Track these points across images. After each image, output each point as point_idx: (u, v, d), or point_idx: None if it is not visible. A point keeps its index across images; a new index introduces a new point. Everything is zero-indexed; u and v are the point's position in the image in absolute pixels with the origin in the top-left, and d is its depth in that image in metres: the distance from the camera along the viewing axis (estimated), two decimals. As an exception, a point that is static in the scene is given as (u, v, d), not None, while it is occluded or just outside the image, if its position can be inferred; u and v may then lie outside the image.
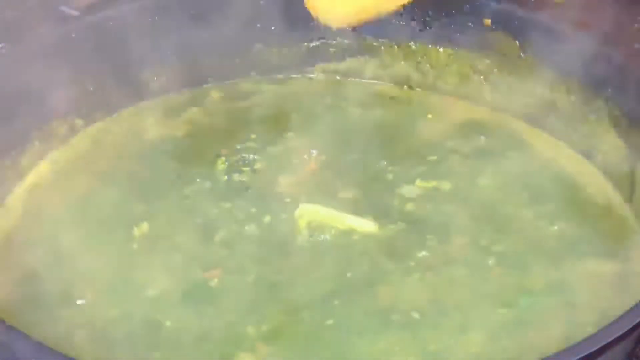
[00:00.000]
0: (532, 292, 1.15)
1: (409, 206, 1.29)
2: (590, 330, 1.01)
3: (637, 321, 0.92)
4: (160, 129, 1.47)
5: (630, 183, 1.33)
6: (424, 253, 1.20)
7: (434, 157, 1.40)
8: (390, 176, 1.35)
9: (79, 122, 1.46)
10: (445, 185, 1.33)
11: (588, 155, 1.42)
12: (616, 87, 1.38)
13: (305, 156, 1.38)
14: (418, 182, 1.34)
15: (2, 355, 0.93)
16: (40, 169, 1.38)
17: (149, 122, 1.48)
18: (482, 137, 1.46)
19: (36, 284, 1.13)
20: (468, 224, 1.26)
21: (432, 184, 1.33)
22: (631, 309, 0.95)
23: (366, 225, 1.23)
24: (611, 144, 1.38)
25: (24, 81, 1.31)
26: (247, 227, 1.24)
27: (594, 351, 0.88)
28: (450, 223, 1.25)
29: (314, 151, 1.38)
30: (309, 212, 1.23)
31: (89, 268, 1.16)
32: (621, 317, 0.94)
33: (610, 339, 0.89)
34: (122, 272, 1.17)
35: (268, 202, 1.29)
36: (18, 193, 1.33)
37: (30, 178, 1.36)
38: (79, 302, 1.12)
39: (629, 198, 1.33)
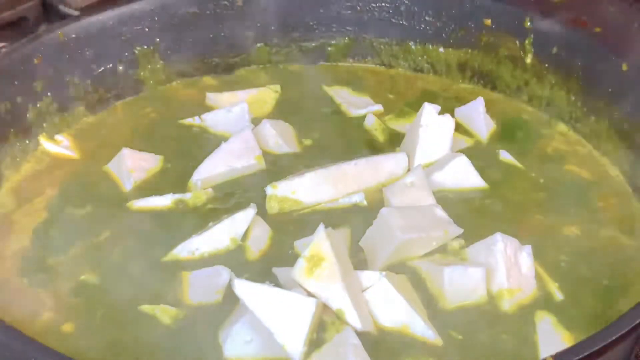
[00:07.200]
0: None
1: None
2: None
3: (637, 321, 0.92)
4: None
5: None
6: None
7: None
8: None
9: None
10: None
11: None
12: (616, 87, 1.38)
13: None
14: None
15: (2, 355, 0.93)
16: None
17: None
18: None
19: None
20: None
21: None
22: (631, 309, 0.95)
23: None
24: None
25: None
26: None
27: (594, 351, 0.88)
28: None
29: None
30: None
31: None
32: (621, 317, 0.94)
33: (610, 339, 0.90)
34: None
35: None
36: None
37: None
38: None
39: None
